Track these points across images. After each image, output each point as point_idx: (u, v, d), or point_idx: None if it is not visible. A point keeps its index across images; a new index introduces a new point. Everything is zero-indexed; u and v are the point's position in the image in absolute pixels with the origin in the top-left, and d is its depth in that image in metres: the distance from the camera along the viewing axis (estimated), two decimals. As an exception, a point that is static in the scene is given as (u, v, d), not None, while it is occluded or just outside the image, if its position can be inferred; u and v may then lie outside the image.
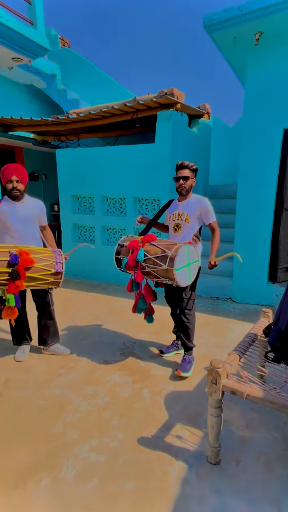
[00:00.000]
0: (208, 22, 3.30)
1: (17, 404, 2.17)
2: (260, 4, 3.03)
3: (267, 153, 3.75)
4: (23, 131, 5.72)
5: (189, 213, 2.47)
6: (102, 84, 6.74)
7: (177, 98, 4.22)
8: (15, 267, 2.20)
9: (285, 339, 1.60)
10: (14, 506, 1.46)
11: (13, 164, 2.52)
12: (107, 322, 3.52)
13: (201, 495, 1.50)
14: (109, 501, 1.48)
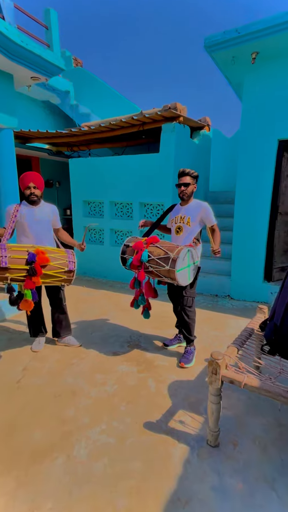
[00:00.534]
0: (208, 43, 3.31)
1: (34, 390, 2.18)
2: (256, 27, 3.05)
3: (262, 162, 3.74)
4: (40, 142, 5.76)
5: (190, 216, 2.47)
6: (111, 99, 6.77)
7: (180, 112, 4.23)
8: (32, 265, 2.22)
9: (279, 333, 1.60)
10: (33, 480, 1.48)
11: (31, 172, 2.55)
12: (114, 317, 3.53)
13: (202, 474, 1.51)
14: (118, 478, 1.49)
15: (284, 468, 1.54)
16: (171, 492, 1.42)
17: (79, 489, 1.44)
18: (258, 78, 3.61)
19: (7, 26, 2.85)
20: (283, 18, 2.92)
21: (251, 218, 3.92)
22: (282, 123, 3.55)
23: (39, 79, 3.52)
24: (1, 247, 2.21)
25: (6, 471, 1.54)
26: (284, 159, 3.71)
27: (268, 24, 2.99)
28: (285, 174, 3.80)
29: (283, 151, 3.66)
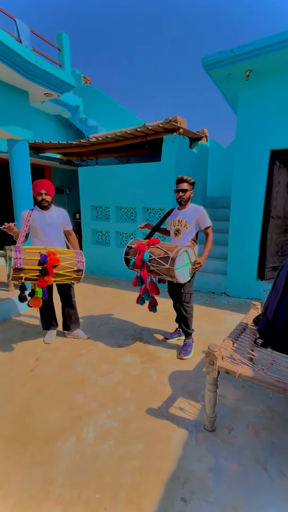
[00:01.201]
0: (206, 62, 3.31)
1: (46, 378, 2.19)
2: (249, 47, 3.05)
3: (256, 170, 3.73)
4: (52, 152, 5.80)
5: (187, 220, 2.46)
6: (117, 113, 6.79)
7: (180, 124, 4.23)
8: (44, 265, 2.23)
9: (271, 327, 1.59)
10: (47, 459, 1.50)
11: (42, 180, 2.55)
12: (119, 312, 3.53)
13: (199, 456, 1.51)
14: (123, 459, 1.50)
15: (275, 451, 1.54)
16: (171, 472, 1.42)
17: (87, 467, 1.45)
18: (251, 94, 3.60)
19: (24, 48, 2.88)
20: (274, 39, 2.92)
21: (245, 221, 3.91)
22: (274, 134, 3.54)
23: (51, 95, 3.55)
24: (16, 249, 2.22)
25: (23, 449, 1.56)
26: (275, 167, 3.70)
27: (260, 45, 3.00)
28: (277, 181, 3.79)
29: (275, 160, 3.65)
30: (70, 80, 3.43)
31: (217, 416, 1.69)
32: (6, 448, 1.57)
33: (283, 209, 4.07)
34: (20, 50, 2.82)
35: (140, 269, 2.37)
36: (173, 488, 1.34)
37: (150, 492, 1.33)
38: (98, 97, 6.94)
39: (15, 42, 2.79)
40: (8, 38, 2.73)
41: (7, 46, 2.71)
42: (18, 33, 2.97)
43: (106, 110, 6.88)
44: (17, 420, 1.77)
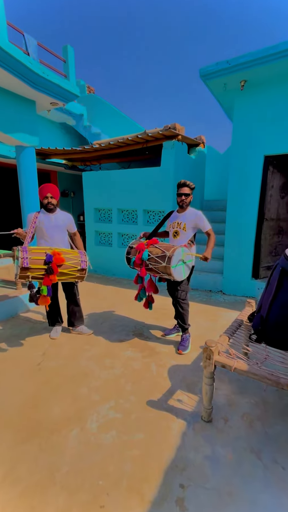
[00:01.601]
0: (203, 73, 3.32)
1: (52, 371, 2.20)
2: (244, 59, 3.07)
3: (251, 174, 3.73)
4: (57, 158, 5.81)
5: (186, 222, 2.47)
6: (119, 121, 6.79)
7: (179, 131, 4.23)
8: (50, 265, 2.23)
9: (265, 324, 1.60)
10: (52, 448, 1.51)
11: (48, 184, 2.55)
12: (121, 309, 3.53)
13: (197, 445, 1.52)
14: (124, 448, 1.50)
15: (269, 440, 1.54)
16: (170, 460, 1.43)
17: (91, 456, 1.46)
18: (246, 102, 3.61)
19: (31, 60, 2.89)
20: (268, 51, 2.94)
21: (241, 223, 3.91)
22: (268, 141, 3.55)
23: (57, 104, 3.56)
24: (23, 249, 2.22)
25: (30, 439, 1.57)
26: (269, 172, 3.70)
27: (254, 57, 3.01)
28: (270, 185, 3.79)
29: (268, 165, 3.65)
30: (75, 90, 3.44)
31: (213, 408, 1.70)
32: (14, 437, 1.58)
33: (276, 211, 4.07)
34: (28, 62, 2.84)
35: (140, 268, 2.37)
36: (172, 475, 1.35)
37: (150, 479, 1.33)
38: (101, 106, 6.95)
39: (23, 55, 2.81)
40: (17, 51, 2.74)
41: (16, 58, 2.72)
42: (26, 46, 2.98)
43: (109, 118, 6.89)
44: (25, 411, 1.77)
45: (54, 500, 1.25)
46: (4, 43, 2.61)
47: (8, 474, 1.37)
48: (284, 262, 1.51)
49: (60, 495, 1.27)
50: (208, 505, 1.22)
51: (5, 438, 1.57)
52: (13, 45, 2.73)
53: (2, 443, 1.54)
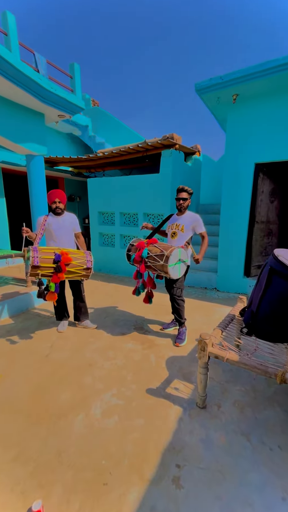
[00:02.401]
0: (198, 87, 3.34)
1: (59, 362, 2.21)
2: (235, 75, 3.09)
3: (242, 180, 3.74)
4: (64, 166, 5.82)
5: (184, 225, 2.47)
6: (121, 131, 6.81)
7: (176, 141, 4.25)
8: (58, 263, 2.24)
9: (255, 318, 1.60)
10: (60, 431, 1.52)
11: (56, 190, 2.56)
12: (123, 305, 3.53)
13: (192, 429, 1.53)
14: (126, 432, 1.52)
15: (257, 424, 1.56)
16: (168, 443, 1.44)
17: (95, 439, 1.47)
18: (238, 115, 3.62)
19: (41, 77, 2.92)
20: (257, 68, 2.96)
21: (233, 225, 3.92)
22: (258, 150, 3.56)
23: (64, 116, 3.58)
24: (34, 249, 2.24)
25: (39, 423, 1.58)
26: (259, 178, 3.71)
27: (245, 73, 3.03)
28: (261, 190, 3.81)
29: (259, 172, 3.66)
30: (81, 103, 3.46)
31: (207, 395, 1.71)
32: (25, 421, 1.60)
33: (266, 215, 4.08)
34: (38, 79, 2.87)
35: (139, 264, 2.38)
36: (169, 456, 1.36)
37: (150, 459, 1.35)
38: (104, 118, 6.97)
39: (34, 72, 2.83)
40: (28, 69, 2.77)
41: (27, 75, 2.75)
42: (36, 64, 3.00)
43: (112, 128, 6.91)
44: (35, 398, 1.79)
45: (61, 478, 1.27)
46: (17, 62, 2.64)
47: (20, 455, 1.39)
48: (273, 262, 1.52)
49: (67, 474, 1.29)
50: (202, 483, 1.24)
51: (18, 421, 1.59)
52: (25, 63, 2.75)
53: (15, 426, 1.56)
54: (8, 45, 2.71)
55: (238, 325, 2.01)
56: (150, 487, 1.22)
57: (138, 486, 1.22)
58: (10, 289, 3.56)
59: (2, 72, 2.58)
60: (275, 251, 1.54)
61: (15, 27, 2.75)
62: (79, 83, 3.56)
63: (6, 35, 2.72)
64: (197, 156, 5.29)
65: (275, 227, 4.42)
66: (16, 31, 2.76)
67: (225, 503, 1.15)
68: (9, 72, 2.64)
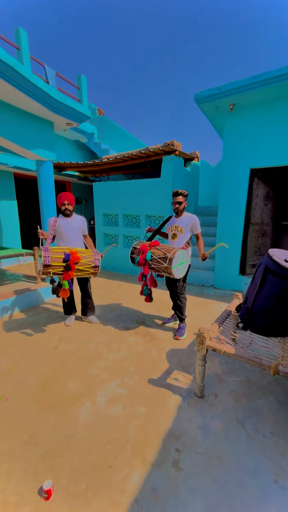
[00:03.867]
0: (197, 97, 3.32)
1: (67, 353, 2.22)
2: (232, 86, 3.07)
3: (238, 185, 3.73)
4: (71, 170, 5.83)
5: (182, 226, 2.46)
6: (124, 138, 6.80)
7: (176, 147, 4.24)
8: (68, 262, 2.25)
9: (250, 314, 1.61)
10: (68, 417, 1.53)
11: (65, 193, 2.56)
12: (126, 301, 3.54)
13: (190, 417, 1.53)
14: (129, 419, 1.53)
15: (252, 413, 1.56)
16: (168, 429, 1.45)
17: (100, 425, 1.48)
18: (235, 123, 3.61)
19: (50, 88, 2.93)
20: (253, 79, 2.94)
21: (230, 227, 3.91)
22: (253, 156, 3.54)
23: (72, 125, 3.59)
24: (45, 249, 2.24)
25: (49, 409, 1.59)
26: (254, 183, 3.70)
27: (241, 84, 3.01)
28: (255, 194, 3.79)
29: (253, 177, 3.65)
30: (87, 112, 3.46)
31: (205, 385, 1.71)
32: (36, 408, 1.61)
33: (260, 217, 4.07)
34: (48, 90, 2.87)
35: (143, 266, 2.38)
36: (169, 442, 1.37)
37: (151, 444, 1.36)
38: (109, 126, 6.97)
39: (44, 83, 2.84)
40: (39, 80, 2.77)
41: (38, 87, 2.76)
42: (46, 76, 3.01)
43: (116, 136, 6.91)
44: (44, 386, 1.81)
45: (69, 460, 1.28)
46: (29, 74, 2.64)
47: (31, 438, 1.40)
48: (267, 261, 1.52)
49: (74, 457, 1.30)
50: (200, 467, 1.24)
51: (29, 408, 1.61)
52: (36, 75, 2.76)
53: (27, 412, 1.57)
54: (21, 59, 2.72)
55: (234, 320, 2.00)
56: (152, 469, 1.23)
57: (140, 469, 1.23)
58: (21, 285, 3.58)
59: (15, 84, 2.59)
60: (269, 251, 1.54)
61: (27, 42, 2.76)
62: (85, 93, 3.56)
63: (19, 49, 2.72)
64: (195, 161, 5.28)
65: (269, 228, 4.41)
66: (28, 46, 2.76)
67: (222, 485, 1.16)
68: (22, 83, 2.64)
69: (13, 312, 3.09)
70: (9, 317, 3.00)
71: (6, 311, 3.01)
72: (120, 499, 1.10)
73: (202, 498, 1.11)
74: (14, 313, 3.10)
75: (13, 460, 1.28)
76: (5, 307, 2.99)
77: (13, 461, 1.28)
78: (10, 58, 2.42)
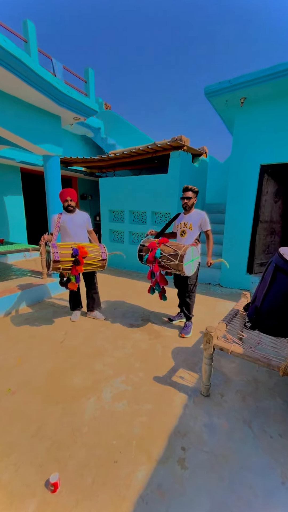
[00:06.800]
0: (207, 91, 3.26)
1: (72, 349, 2.25)
2: (244, 78, 3.00)
3: (248, 181, 3.66)
4: (78, 166, 5.83)
5: (192, 223, 2.44)
6: (131, 133, 6.75)
7: (184, 142, 4.18)
8: (76, 257, 2.26)
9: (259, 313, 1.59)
10: (74, 412, 1.55)
11: (67, 189, 2.56)
12: (131, 298, 3.55)
13: (196, 415, 1.53)
14: (134, 415, 1.54)
15: (259, 413, 1.55)
16: (173, 427, 1.45)
17: (106, 420, 1.50)
18: (245, 117, 3.53)
19: (58, 81, 2.91)
20: (265, 72, 2.86)
21: (238, 224, 3.86)
22: (264, 151, 3.47)
23: (79, 119, 3.57)
24: (53, 245, 2.26)
25: (55, 403, 1.62)
26: (264, 179, 3.62)
27: (253, 77, 2.94)
28: (265, 191, 3.72)
29: (264, 173, 3.58)
30: (94, 106, 3.44)
31: (211, 384, 1.71)
32: (43, 401, 1.64)
33: (270, 214, 4.00)
34: (55, 83, 2.86)
35: (152, 264, 2.36)
36: (174, 439, 1.37)
37: (156, 441, 1.36)
38: (116, 120, 6.92)
39: (51, 76, 2.83)
40: (46, 73, 2.76)
41: (46, 80, 2.74)
42: (54, 69, 3.00)
43: (123, 131, 6.86)
44: (50, 381, 1.83)
45: (75, 454, 1.30)
46: (36, 67, 2.63)
47: (38, 431, 1.43)
48: (278, 259, 1.49)
49: (80, 451, 1.32)
50: (206, 465, 1.25)
51: (36, 401, 1.64)
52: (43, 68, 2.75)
53: (34, 405, 1.60)
54: (28, 51, 2.71)
55: (242, 319, 1.98)
56: (157, 466, 1.24)
57: (146, 465, 1.24)
58: (27, 280, 3.63)
59: (22, 76, 2.59)
60: (280, 249, 1.51)
61: (34, 35, 2.74)
62: (93, 87, 3.53)
63: (26, 42, 2.71)
64: (204, 157, 5.20)
65: (278, 226, 4.33)
66: (35, 38, 2.75)
67: (227, 484, 1.16)
68: (29, 76, 2.64)
69: (20, 307, 3.14)
70: (15, 311, 3.05)
71: (12, 306, 3.05)
72: (126, 494, 1.12)
73: (208, 497, 1.11)
74: (21, 307, 3.15)
75: (20, 452, 1.31)
76: (11, 301, 3.04)
77: (20, 453, 1.31)
78: (18, 50, 2.41)
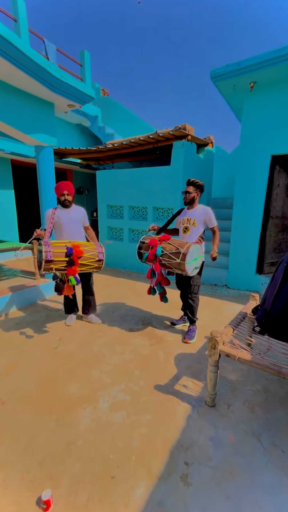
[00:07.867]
0: (213, 74, 3.23)
1: (67, 355, 2.24)
2: (253, 61, 2.97)
3: (257, 173, 3.63)
4: (73, 157, 5.82)
5: (195, 218, 2.43)
6: (131, 122, 6.72)
7: (188, 131, 4.16)
8: (71, 257, 2.24)
9: (269, 316, 1.57)
10: (68, 423, 1.55)
11: (64, 182, 2.54)
12: (131, 300, 3.54)
13: (200, 427, 1.53)
14: (133, 427, 1.53)
15: (268, 425, 1.54)
16: (176, 440, 1.44)
17: (103, 432, 1.49)
18: (255, 103, 3.49)
19: (51, 64, 2.89)
20: (277, 53, 2.83)
21: (246, 220, 3.84)
22: (275, 141, 3.43)
23: (74, 106, 3.55)
24: (46, 243, 2.24)
25: (48, 414, 1.62)
26: (276, 171, 3.59)
27: (264, 58, 2.91)
28: (277, 183, 3.69)
29: (275, 164, 3.55)
30: (91, 92, 3.41)
31: (217, 394, 1.70)
32: (34, 412, 1.64)
33: (281, 209, 3.97)
34: (48, 67, 2.84)
35: (152, 263, 2.35)
36: (177, 453, 1.37)
37: (157, 455, 1.36)
38: (114, 108, 6.89)
39: (43, 59, 2.80)
40: (38, 56, 2.74)
41: (37, 63, 2.72)
42: (46, 51, 2.97)
43: (122, 119, 6.83)
44: (43, 390, 1.83)
45: (70, 469, 1.30)
46: (27, 49, 2.61)
47: (30, 444, 1.43)
48: (289, 258, 1.47)
49: (75, 465, 1.31)
50: (211, 482, 1.24)
51: (27, 412, 1.64)
52: (35, 50, 2.73)
53: (24, 416, 1.60)
54: (18, 31, 2.69)
55: (250, 323, 1.98)
56: (158, 482, 1.23)
57: (146, 481, 1.24)
58: (19, 281, 3.63)
59: (11, 59, 2.57)
60: (293, 247, 1.49)
61: (25, 14, 2.72)
62: (89, 71, 3.51)
63: (16, 21, 2.69)
64: (209, 147, 5.16)
65: (291, 222, 4.30)
66: (26, 18, 2.72)
67: (235, 503, 1.15)
68: (19, 59, 2.62)
69: (10, 310, 3.14)
70: (5, 315, 3.05)
71: (2, 309, 3.05)
72: (124, 513, 1.11)
73: (213, 516, 1.10)
74: (11, 311, 3.15)
75: (10, 467, 1.31)
76: (1, 305, 3.04)
77: (9, 468, 1.30)
78: (6, 30, 2.39)
